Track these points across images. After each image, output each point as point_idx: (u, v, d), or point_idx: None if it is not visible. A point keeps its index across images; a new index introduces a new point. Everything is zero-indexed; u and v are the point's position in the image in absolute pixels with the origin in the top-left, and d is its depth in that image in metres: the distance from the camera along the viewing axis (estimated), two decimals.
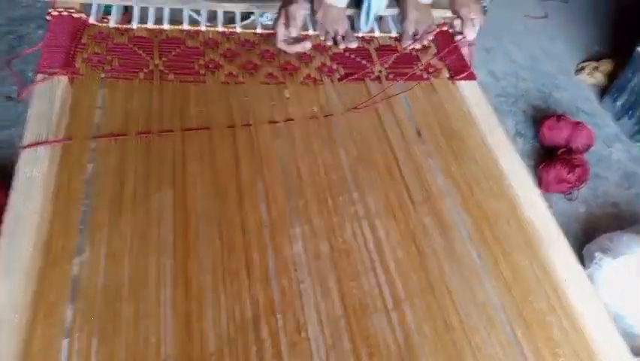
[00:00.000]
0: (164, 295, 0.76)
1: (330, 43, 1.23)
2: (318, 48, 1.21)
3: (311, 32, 1.25)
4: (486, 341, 0.78)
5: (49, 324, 0.71)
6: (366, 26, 1.28)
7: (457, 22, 1.23)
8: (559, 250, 0.92)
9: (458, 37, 1.22)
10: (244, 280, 0.79)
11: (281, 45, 1.15)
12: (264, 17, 1.30)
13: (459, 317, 0.80)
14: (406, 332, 0.77)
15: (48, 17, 1.09)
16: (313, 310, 0.78)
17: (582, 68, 2.39)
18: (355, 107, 1.09)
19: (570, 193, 1.81)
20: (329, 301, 0.79)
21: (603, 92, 2.29)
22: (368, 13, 1.26)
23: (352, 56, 1.21)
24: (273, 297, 0.78)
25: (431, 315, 0.80)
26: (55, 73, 1.00)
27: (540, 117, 2.05)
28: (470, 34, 1.20)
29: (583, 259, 1.56)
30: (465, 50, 1.30)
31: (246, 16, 1.27)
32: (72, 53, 1.04)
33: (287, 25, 1.12)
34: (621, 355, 0.81)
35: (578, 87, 2.33)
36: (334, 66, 1.18)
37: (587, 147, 1.95)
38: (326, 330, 0.76)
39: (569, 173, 1.77)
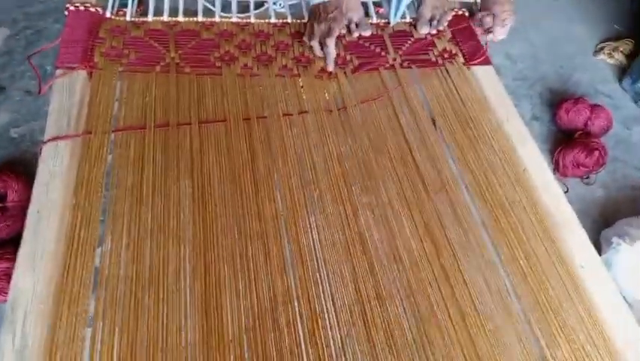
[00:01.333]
0: (184, 284, 0.78)
1: (343, 31, 1.23)
2: None
3: None
4: (501, 329, 0.79)
5: (73, 313, 0.73)
6: (395, 18, 1.26)
7: (487, 20, 1.19)
8: (575, 237, 0.91)
9: (489, 37, 1.19)
10: (261, 269, 0.81)
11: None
12: (277, 5, 1.30)
13: (474, 305, 0.81)
14: (421, 320, 0.78)
15: (65, 12, 1.11)
16: (329, 298, 0.79)
17: (601, 49, 2.34)
18: (368, 100, 1.09)
19: (588, 177, 1.79)
20: (344, 290, 0.80)
21: (623, 72, 2.24)
22: (399, 5, 1.23)
23: (366, 44, 1.21)
24: (290, 285, 0.80)
25: (445, 303, 0.81)
26: (74, 68, 1.01)
27: (558, 100, 2.02)
28: (501, 33, 1.18)
29: (600, 244, 1.55)
30: (480, 34, 1.29)
31: (259, 4, 1.27)
32: (90, 47, 1.06)
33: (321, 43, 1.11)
34: (638, 342, 0.81)
35: (597, 68, 2.28)
36: (348, 57, 1.17)
37: (606, 130, 1.92)
38: (341, 318, 0.78)
39: (586, 157, 1.74)
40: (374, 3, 1.32)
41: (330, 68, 1.12)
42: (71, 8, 1.12)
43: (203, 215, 0.86)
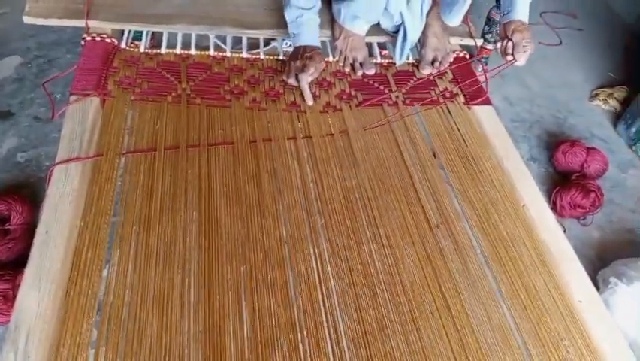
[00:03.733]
0: (188, 310, 0.79)
1: (347, 69, 1.27)
2: (337, 75, 1.26)
3: (330, 59, 1.29)
4: None
5: (76, 334, 0.74)
6: (400, 59, 1.31)
7: (508, 44, 1.20)
8: (574, 272, 0.93)
9: (508, 59, 1.21)
10: (265, 297, 0.82)
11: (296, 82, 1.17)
12: (284, 44, 1.35)
13: (475, 338, 0.81)
14: (422, 352, 0.79)
15: (82, 42, 1.15)
16: (332, 327, 0.80)
17: (596, 95, 2.40)
18: (371, 127, 1.12)
19: (584, 218, 1.81)
20: (347, 320, 0.81)
21: (617, 118, 2.29)
22: (403, 46, 1.28)
23: (370, 82, 1.25)
24: (293, 314, 0.80)
25: (447, 335, 0.81)
26: (87, 94, 1.04)
27: (554, 143, 2.06)
28: (522, 59, 1.20)
29: (597, 284, 1.56)
30: (480, 76, 1.33)
31: (267, 42, 1.32)
32: (104, 75, 1.09)
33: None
34: None
35: (592, 113, 2.34)
36: (353, 92, 1.21)
37: (602, 172, 1.95)
38: (344, 348, 0.78)
39: (583, 198, 1.77)
40: (378, 44, 1.37)
41: (309, 102, 1.16)
42: (88, 38, 1.16)
43: (209, 240, 0.87)
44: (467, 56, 1.37)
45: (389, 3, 1.22)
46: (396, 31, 1.29)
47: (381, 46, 1.39)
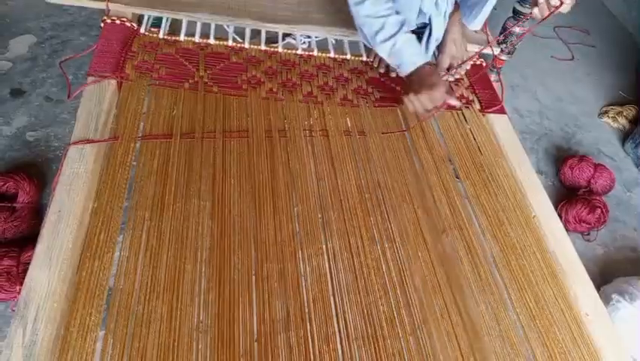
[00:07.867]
0: (198, 296, 0.79)
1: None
2: (355, 72, 1.25)
3: (348, 56, 1.29)
4: None
5: (86, 314, 0.74)
6: (426, 55, 1.30)
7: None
8: (581, 285, 0.93)
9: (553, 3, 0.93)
10: (275, 287, 0.82)
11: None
12: (299, 39, 1.34)
13: (483, 342, 0.81)
14: (431, 353, 0.79)
15: (102, 24, 1.15)
16: (342, 321, 0.80)
17: (606, 112, 2.41)
18: (388, 132, 1.12)
19: (588, 234, 1.81)
20: (357, 316, 0.81)
21: (626, 136, 2.30)
22: (428, 42, 1.27)
23: (387, 82, 1.25)
24: (303, 305, 0.80)
25: (455, 338, 0.81)
26: (105, 76, 1.04)
27: (561, 157, 2.06)
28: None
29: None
30: (494, 86, 1.33)
31: (285, 36, 1.32)
32: (122, 59, 1.09)
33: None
34: None
35: (600, 130, 2.34)
36: (370, 89, 1.21)
37: (608, 189, 1.95)
38: (353, 341, 0.78)
39: (589, 214, 1.77)
40: None
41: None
42: (108, 21, 1.15)
43: (222, 229, 0.87)
44: (484, 64, 1.36)
45: (423, 3, 1.20)
46: (420, 28, 1.28)
47: None
